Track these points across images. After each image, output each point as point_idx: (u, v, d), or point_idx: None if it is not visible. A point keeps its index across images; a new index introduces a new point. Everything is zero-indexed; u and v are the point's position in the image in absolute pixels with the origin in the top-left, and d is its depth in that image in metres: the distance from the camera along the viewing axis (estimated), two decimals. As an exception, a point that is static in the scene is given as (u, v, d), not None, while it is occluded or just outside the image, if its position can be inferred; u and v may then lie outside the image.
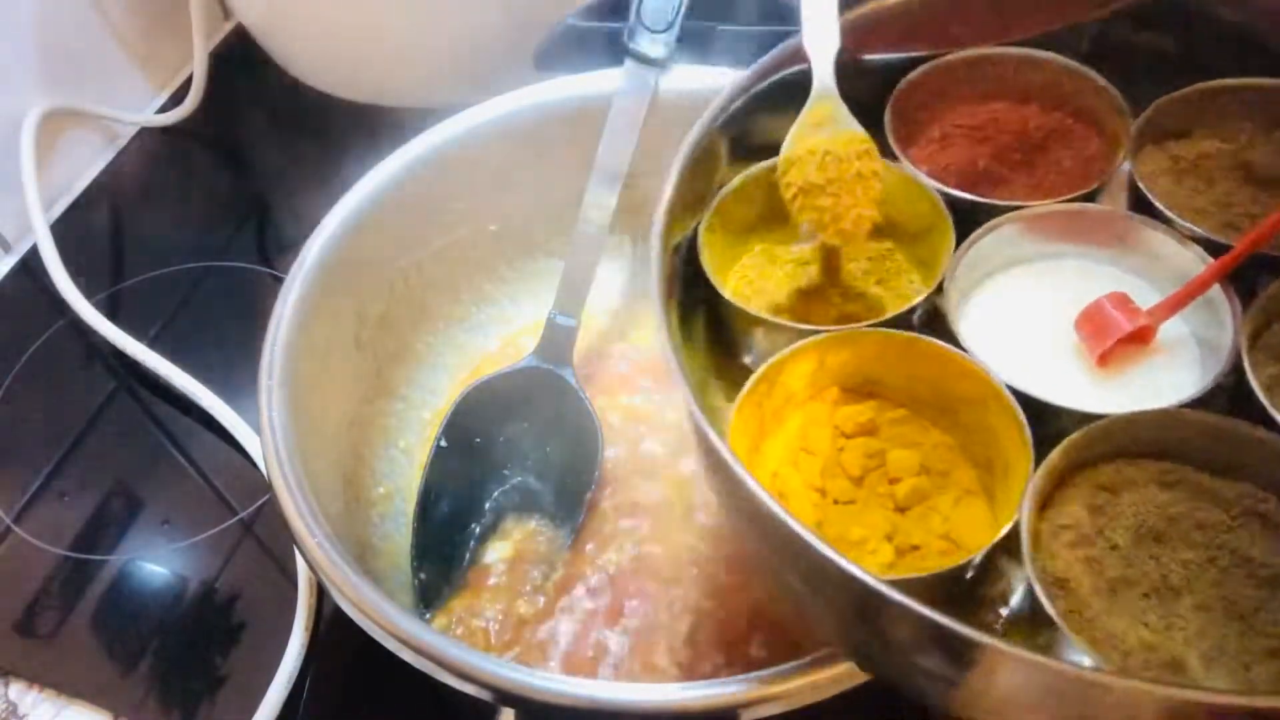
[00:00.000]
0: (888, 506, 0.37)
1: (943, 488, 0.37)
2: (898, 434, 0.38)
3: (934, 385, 0.38)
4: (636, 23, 0.52)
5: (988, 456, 0.37)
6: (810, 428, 0.39)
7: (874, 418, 0.38)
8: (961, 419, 0.38)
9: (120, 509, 0.56)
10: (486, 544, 0.51)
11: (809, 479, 0.37)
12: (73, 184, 0.75)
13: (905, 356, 0.38)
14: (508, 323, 0.59)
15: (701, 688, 0.35)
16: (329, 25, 0.69)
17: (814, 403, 0.39)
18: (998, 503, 0.36)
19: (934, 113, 0.45)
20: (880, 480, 0.37)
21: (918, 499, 0.36)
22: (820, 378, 0.39)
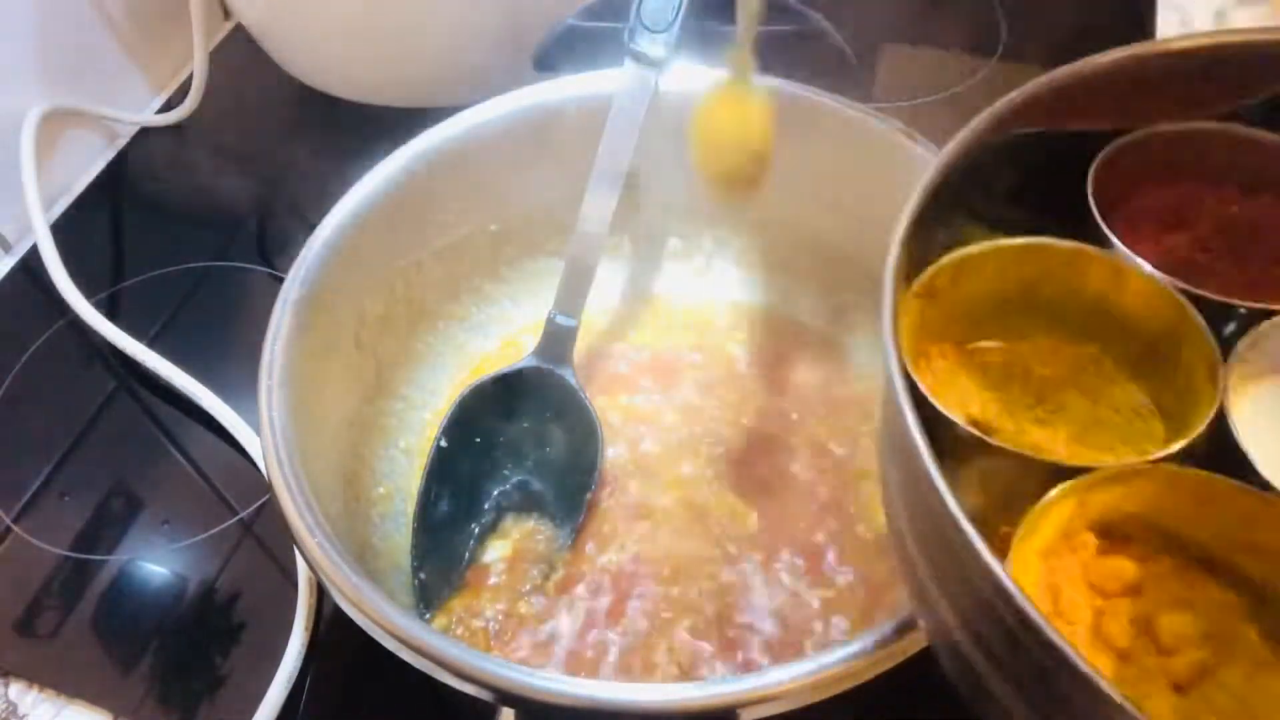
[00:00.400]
0: (1163, 689, 0.30)
1: (1229, 658, 0.30)
2: (1166, 591, 0.31)
3: (1218, 530, 0.31)
4: (636, 23, 0.52)
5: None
6: (1063, 587, 0.31)
7: (1141, 573, 0.31)
8: (1249, 571, 0.31)
9: (120, 509, 0.56)
10: (486, 544, 0.51)
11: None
12: (73, 184, 0.74)
13: (1194, 498, 0.31)
14: (508, 323, 0.59)
15: (701, 688, 0.35)
16: (329, 25, 0.69)
17: (1065, 555, 0.32)
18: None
19: (1117, 196, 0.38)
20: (1148, 651, 0.30)
21: (1200, 674, 0.30)
22: (1077, 520, 0.32)
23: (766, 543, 0.49)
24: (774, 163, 0.50)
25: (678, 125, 0.54)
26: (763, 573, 0.48)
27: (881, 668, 0.35)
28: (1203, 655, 0.30)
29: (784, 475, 0.51)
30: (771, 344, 0.57)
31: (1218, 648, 0.30)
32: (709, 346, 0.57)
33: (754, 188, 0.42)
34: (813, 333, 0.57)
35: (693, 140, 0.44)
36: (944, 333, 0.37)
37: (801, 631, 0.46)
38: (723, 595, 0.47)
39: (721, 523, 0.50)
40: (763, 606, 0.47)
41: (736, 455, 0.52)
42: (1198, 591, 0.31)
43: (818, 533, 0.49)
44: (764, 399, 0.55)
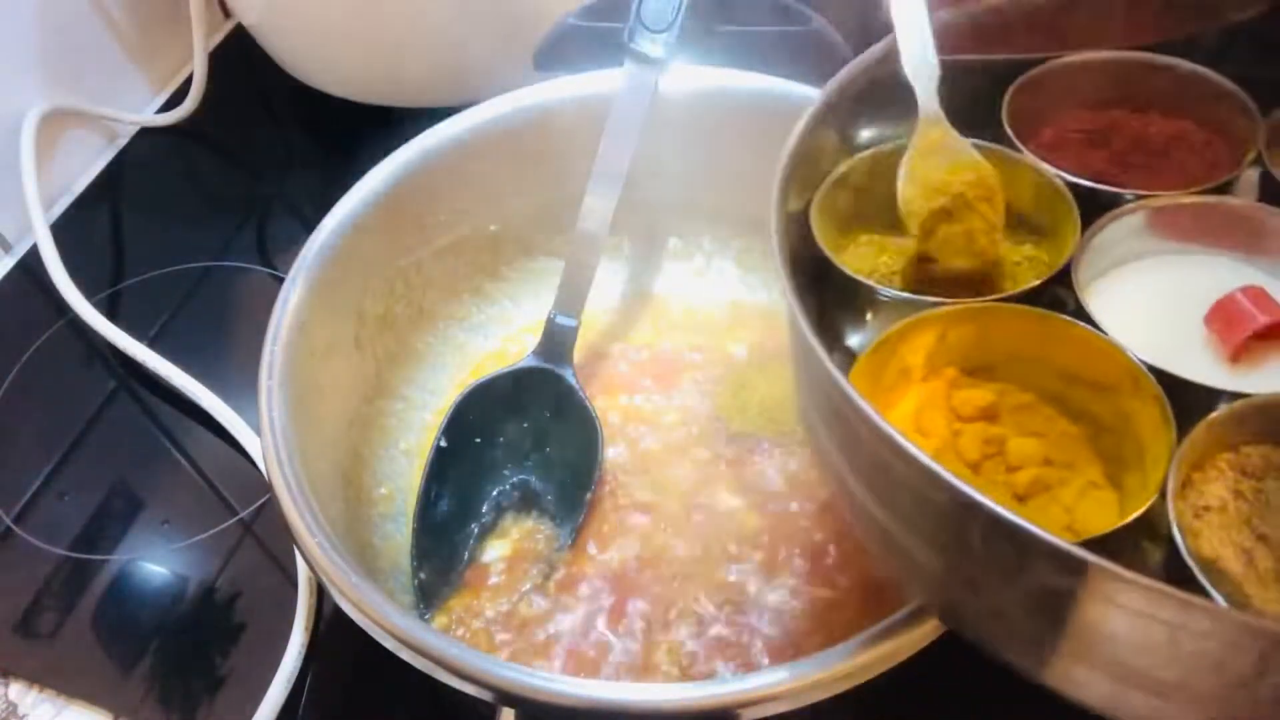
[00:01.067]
0: (1005, 496, 0.34)
1: (1066, 480, 0.34)
2: (1020, 421, 0.36)
3: (1062, 368, 0.36)
4: (636, 23, 0.52)
5: (1118, 447, 0.35)
6: (925, 409, 0.36)
7: (996, 402, 0.36)
8: (1091, 407, 0.36)
9: (120, 509, 0.56)
10: (486, 543, 0.51)
11: None
12: (73, 184, 0.75)
13: (1036, 335, 0.36)
14: (508, 323, 0.59)
15: (701, 688, 0.35)
16: (329, 25, 0.69)
17: (930, 382, 0.37)
18: (1127, 494, 0.34)
19: (1046, 117, 0.43)
20: (998, 468, 0.35)
21: (1039, 489, 0.34)
22: (939, 355, 0.37)
23: (767, 543, 0.49)
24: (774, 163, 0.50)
25: (678, 125, 0.55)
26: (763, 572, 0.48)
27: (881, 668, 0.35)
28: (1043, 473, 0.34)
29: (784, 475, 0.51)
30: (771, 343, 0.57)
31: (1058, 470, 0.35)
32: (709, 346, 0.57)
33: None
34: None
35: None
36: (870, 222, 0.42)
37: (801, 631, 0.46)
38: (723, 595, 0.47)
39: (722, 522, 0.50)
40: (763, 606, 0.47)
41: (736, 455, 0.52)
42: (1048, 424, 0.36)
43: (818, 532, 0.49)
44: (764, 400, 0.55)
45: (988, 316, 0.36)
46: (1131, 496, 0.33)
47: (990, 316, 0.36)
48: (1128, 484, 0.34)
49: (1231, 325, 0.35)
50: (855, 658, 0.35)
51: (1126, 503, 0.33)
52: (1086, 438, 0.36)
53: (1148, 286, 0.38)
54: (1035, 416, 0.36)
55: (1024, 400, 0.37)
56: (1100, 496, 0.34)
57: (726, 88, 0.54)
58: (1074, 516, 0.34)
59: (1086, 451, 0.35)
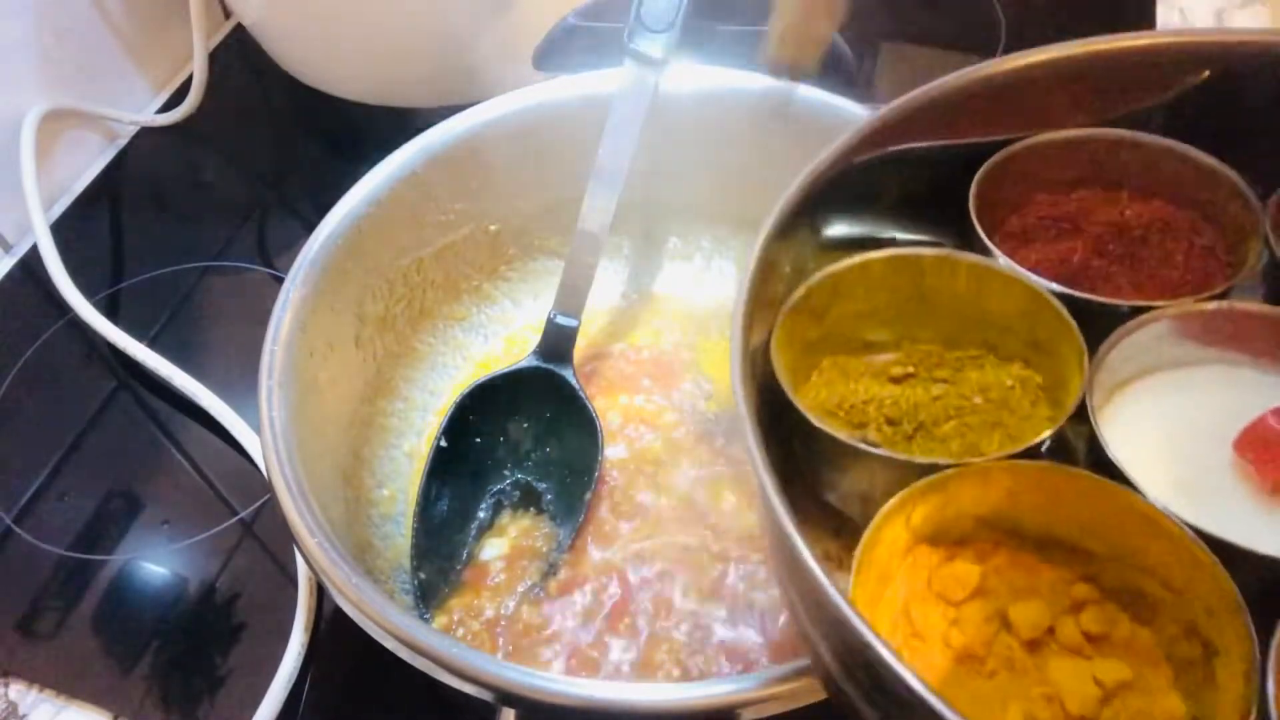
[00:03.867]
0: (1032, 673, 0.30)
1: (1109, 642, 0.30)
2: (1008, 582, 0.32)
3: (1057, 516, 0.32)
4: (636, 23, 0.52)
5: (1128, 581, 0.31)
6: (912, 605, 0.32)
7: (983, 571, 0.32)
8: (1079, 542, 0.32)
9: (120, 509, 0.56)
10: (485, 541, 0.51)
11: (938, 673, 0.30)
12: (73, 184, 0.74)
13: (1056, 494, 0.31)
14: (508, 323, 0.59)
15: (701, 687, 0.35)
16: (329, 25, 0.69)
17: (906, 574, 0.33)
18: (1172, 639, 0.30)
19: (1011, 203, 0.40)
20: (1006, 643, 0.31)
21: (1068, 653, 0.31)
22: (905, 535, 0.32)
23: (767, 543, 0.49)
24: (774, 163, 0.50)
25: (678, 125, 0.55)
26: (763, 572, 0.48)
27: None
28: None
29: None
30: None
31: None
32: (709, 346, 0.57)
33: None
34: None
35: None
36: (836, 343, 0.39)
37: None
38: (723, 595, 0.47)
39: (722, 522, 0.50)
40: (763, 606, 0.47)
41: (737, 455, 0.52)
42: (1035, 574, 0.32)
43: (818, 533, 0.49)
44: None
45: (999, 476, 0.31)
46: (1194, 662, 0.29)
47: (1002, 476, 0.31)
48: (1170, 634, 0.30)
49: (1268, 453, 0.31)
50: (855, 658, 0.34)
51: (1189, 667, 0.29)
52: (1076, 575, 0.32)
53: (1165, 408, 0.34)
54: (1018, 572, 0.32)
55: (1002, 559, 0.33)
56: (1141, 644, 0.30)
57: (726, 88, 0.54)
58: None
59: (1079, 588, 0.32)
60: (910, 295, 0.38)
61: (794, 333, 0.37)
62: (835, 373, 0.39)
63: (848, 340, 0.39)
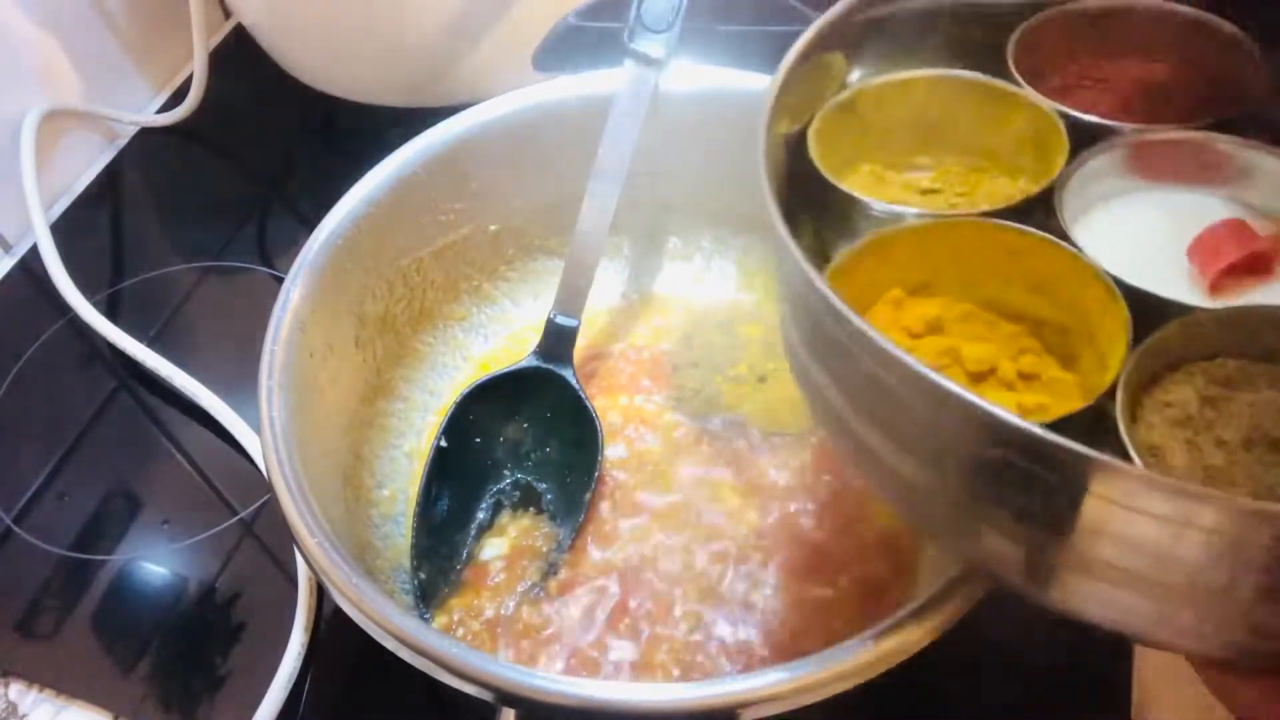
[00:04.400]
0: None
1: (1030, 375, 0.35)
2: (966, 330, 0.37)
3: (1009, 278, 0.36)
4: (636, 23, 0.52)
5: (1069, 347, 0.35)
6: (878, 329, 0.36)
7: (941, 314, 0.37)
8: (1033, 309, 0.36)
9: (120, 509, 0.56)
10: (485, 541, 0.51)
11: None
12: (73, 184, 0.75)
13: (1009, 249, 0.36)
14: (508, 323, 0.59)
15: (701, 688, 0.35)
16: (329, 25, 0.69)
17: (876, 306, 0.37)
18: (1088, 387, 0.34)
19: (1051, 63, 0.42)
20: (958, 377, 0.35)
21: (1002, 386, 0.35)
22: (886, 274, 0.37)
23: (767, 543, 0.49)
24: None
25: (678, 125, 0.55)
26: (763, 572, 0.48)
27: (881, 668, 0.35)
28: (1003, 369, 0.35)
29: (784, 475, 0.51)
30: (772, 342, 0.57)
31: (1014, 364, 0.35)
32: (709, 346, 0.57)
33: None
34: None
35: None
36: (873, 153, 0.42)
37: (802, 632, 0.46)
38: (723, 595, 0.47)
39: (722, 522, 0.50)
40: (763, 606, 0.47)
41: (737, 455, 0.52)
42: (992, 329, 0.37)
43: (818, 532, 0.49)
44: (764, 399, 0.55)
45: (969, 229, 0.36)
46: (1092, 382, 0.33)
47: (972, 231, 0.36)
48: (1085, 373, 0.35)
49: (1211, 257, 0.34)
50: (855, 658, 0.35)
51: (1086, 387, 0.34)
52: (1034, 335, 0.37)
53: (1133, 220, 0.38)
54: (978, 324, 0.37)
55: (965, 309, 0.37)
56: (1063, 384, 0.35)
57: (726, 88, 0.54)
58: (1041, 401, 0.34)
59: (1038, 349, 0.36)
60: (943, 118, 0.42)
61: (833, 131, 0.41)
62: (870, 178, 0.42)
63: (887, 153, 0.42)
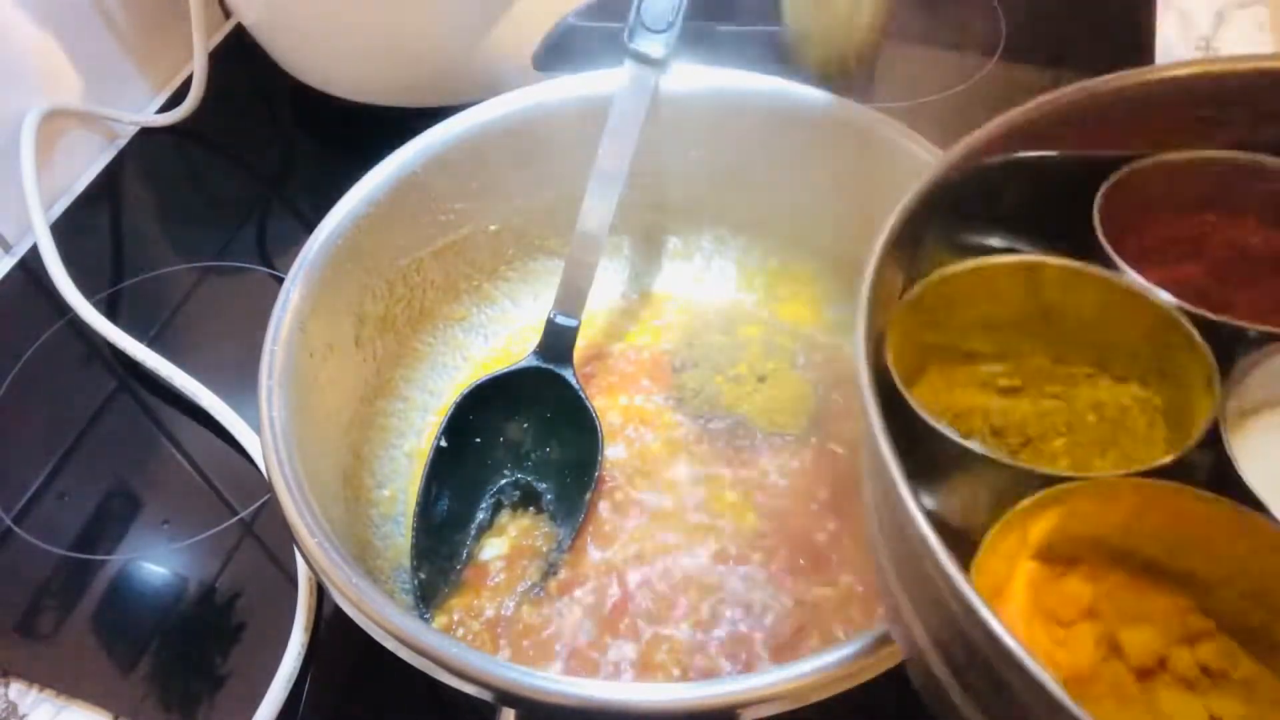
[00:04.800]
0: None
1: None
2: (1120, 605, 0.30)
3: (1175, 541, 0.30)
4: (636, 23, 0.52)
5: (1258, 628, 0.29)
6: (1018, 623, 0.30)
7: (1093, 594, 0.30)
8: (1195, 570, 0.30)
9: (120, 509, 0.56)
10: (484, 541, 0.51)
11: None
12: (73, 184, 0.74)
13: (1190, 520, 0.29)
14: (508, 323, 0.59)
15: (701, 688, 0.35)
16: (329, 25, 0.69)
17: (1011, 585, 0.31)
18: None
19: (1129, 225, 0.37)
20: (1122, 678, 0.29)
21: (1180, 685, 0.29)
22: (1018, 548, 0.30)
23: (767, 543, 0.49)
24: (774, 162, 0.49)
25: (678, 125, 0.55)
26: (763, 572, 0.48)
27: (882, 667, 0.35)
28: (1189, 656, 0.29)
29: (784, 475, 0.51)
30: (772, 342, 0.57)
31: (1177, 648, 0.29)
32: (709, 346, 0.57)
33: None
34: (812, 332, 0.57)
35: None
36: (943, 350, 0.37)
37: (802, 631, 0.46)
38: (723, 595, 0.47)
39: (722, 522, 0.50)
40: (763, 606, 0.47)
41: (737, 455, 0.52)
42: (1149, 600, 0.30)
43: (818, 533, 0.49)
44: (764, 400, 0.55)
45: (1126, 493, 0.29)
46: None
47: (1128, 493, 0.29)
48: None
49: None
50: (855, 658, 0.35)
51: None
52: (1192, 604, 0.30)
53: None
54: (1130, 596, 0.31)
55: (1116, 580, 0.31)
56: (1266, 689, 0.28)
57: (726, 88, 0.54)
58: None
59: (1197, 621, 0.30)
60: (1027, 306, 0.36)
61: (907, 333, 0.35)
62: (941, 381, 0.37)
63: (956, 348, 0.37)
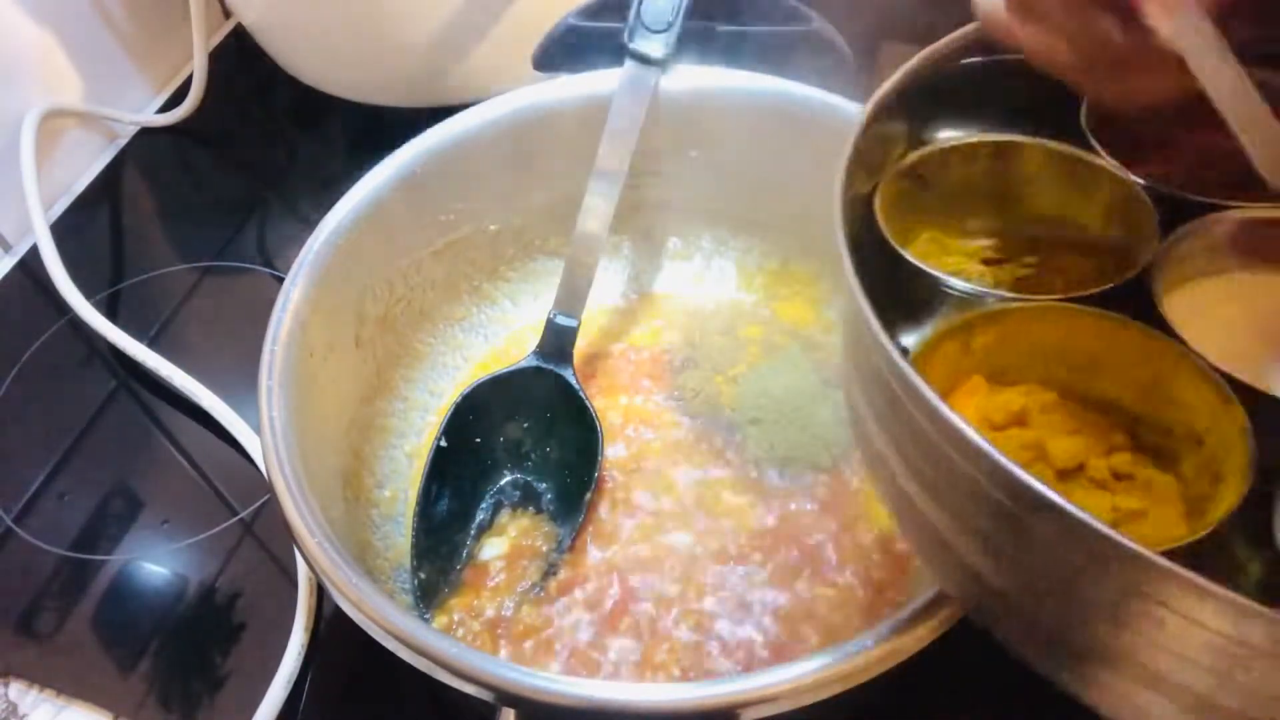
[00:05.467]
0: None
1: (1127, 480, 0.33)
2: (1052, 421, 0.34)
3: (1110, 369, 0.33)
4: (636, 23, 0.52)
5: (1168, 446, 0.32)
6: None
7: (1025, 404, 0.34)
8: (1117, 398, 0.34)
9: (120, 509, 0.56)
10: (483, 541, 0.51)
11: None
12: (73, 184, 0.75)
13: (1104, 340, 0.33)
14: (508, 323, 0.59)
15: (701, 688, 0.35)
16: (329, 25, 0.69)
17: (956, 395, 0.35)
18: (1193, 490, 0.31)
19: (1118, 130, 0.39)
20: (1045, 473, 0.33)
21: (1093, 485, 0.33)
22: (964, 363, 0.35)
23: (767, 543, 0.49)
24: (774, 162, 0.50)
25: (678, 125, 0.55)
26: (763, 572, 0.48)
27: (882, 668, 0.35)
28: (1095, 467, 0.33)
29: (785, 475, 0.51)
30: (772, 342, 0.57)
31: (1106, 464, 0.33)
32: (709, 346, 0.57)
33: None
34: (812, 332, 0.57)
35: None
36: (933, 221, 0.40)
37: (802, 631, 0.46)
38: (723, 595, 0.47)
39: (722, 522, 0.50)
40: (763, 606, 0.47)
41: (737, 455, 0.52)
42: (1078, 419, 0.34)
43: (818, 532, 0.49)
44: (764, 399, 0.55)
45: (1057, 316, 0.33)
46: (1205, 497, 0.31)
47: (1060, 316, 0.33)
48: (1190, 480, 0.32)
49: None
50: (856, 657, 0.34)
51: (1199, 502, 0.31)
52: (1120, 430, 0.34)
53: (1232, 303, 0.35)
54: (1063, 415, 0.34)
55: (1049, 398, 0.35)
56: (1164, 481, 0.32)
57: (726, 88, 0.54)
58: (1147, 523, 0.31)
59: (1118, 438, 0.34)
60: (1013, 183, 0.39)
61: (897, 197, 0.39)
62: (932, 245, 0.40)
63: (948, 219, 0.40)
